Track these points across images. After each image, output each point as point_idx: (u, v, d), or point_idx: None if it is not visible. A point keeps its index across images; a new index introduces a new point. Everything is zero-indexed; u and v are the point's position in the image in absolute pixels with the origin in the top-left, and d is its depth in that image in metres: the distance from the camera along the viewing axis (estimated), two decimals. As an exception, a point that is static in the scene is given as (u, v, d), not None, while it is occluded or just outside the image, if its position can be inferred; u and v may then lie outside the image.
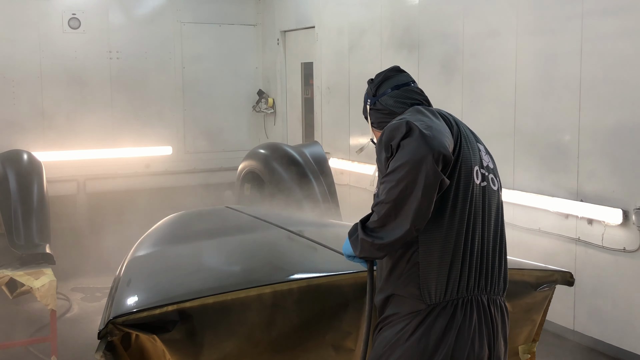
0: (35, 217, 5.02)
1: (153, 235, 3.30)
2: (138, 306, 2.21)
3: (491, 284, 2.16)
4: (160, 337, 2.12)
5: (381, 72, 2.41)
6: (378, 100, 2.34)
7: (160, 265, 2.85)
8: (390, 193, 1.94)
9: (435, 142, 1.94)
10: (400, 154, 1.95)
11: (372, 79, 2.42)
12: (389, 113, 2.29)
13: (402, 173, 1.92)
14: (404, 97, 2.30)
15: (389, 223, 1.97)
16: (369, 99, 2.39)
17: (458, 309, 2.07)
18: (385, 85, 2.36)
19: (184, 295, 2.23)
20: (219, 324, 2.21)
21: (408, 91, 2.32)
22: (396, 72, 2.40)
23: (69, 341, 4.73)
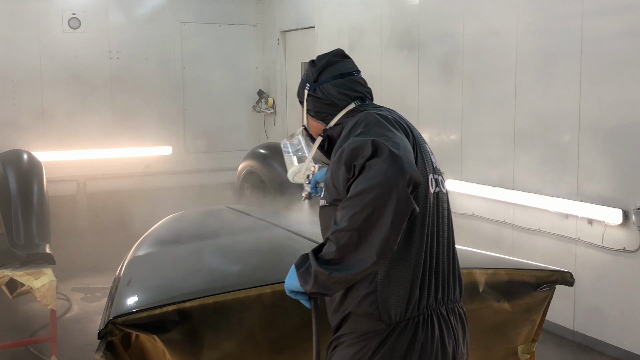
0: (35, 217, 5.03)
1: (153, 235, 3.30)
2: (138, 306, 2.21)
3: (448, 294, 2.05)
4: (160, 337, 2.12)
5: (324, 54, 2.21)
6: (319, 88, 2.14)
7: (160, 265, 2.85)
8: (353, 220, 1.72)
9: (406, 164, 1.75)
10: (366, 176, 1.73)
11: (313, 60, 2.20)
12: (330, 104, 2.13)
13: (368, 198, 1.71)
14: (348, 89, 2.13)
15: (349, 254, 1.74)
16: (309, 83, 2.17)
17: (419, 327, 1.95)
18: (329, 71, 2.16)
19: (184, 295, 2.23)
20: (219, 324, 2.21)
21: (352, 82, 2.15)
22: (341, 58, 2.19)
23: (69, 341, 4.72)
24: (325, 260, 1.78)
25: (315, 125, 2.21)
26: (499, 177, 5.16)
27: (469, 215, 5.51)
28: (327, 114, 2.15)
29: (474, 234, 5.44)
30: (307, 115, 2.22)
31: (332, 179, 1.92)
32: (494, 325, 2.69)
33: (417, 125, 6.01)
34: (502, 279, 2.66)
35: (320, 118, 2.17)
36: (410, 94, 6.06)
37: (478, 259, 2.94)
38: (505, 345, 2.75)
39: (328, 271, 1.76)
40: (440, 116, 5.76)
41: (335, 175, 1.89)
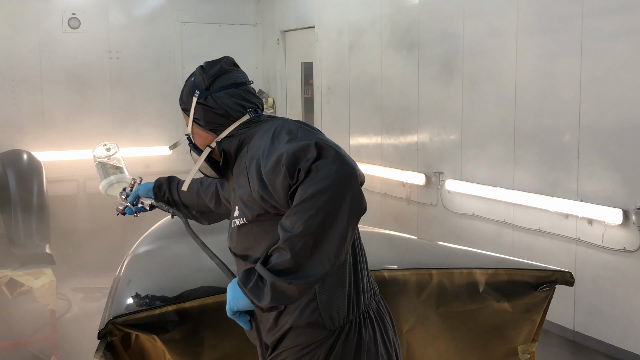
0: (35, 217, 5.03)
1: (153, 235, 3.29)
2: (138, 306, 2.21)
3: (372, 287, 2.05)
4: (160, 337, 2.12)
5: (214, 61, 2.09)
6: (211, 96, 2.02)
7: (160, 265, 2.85)
8: (309, 224, 1.63)
9: (353, 162, 1.71)
10: (315, 178, 1.66)
11: (202, 66, 2.08)
12: (224, 114, 2.01)
13: (322, 200, 1.64)
14: (243, 99, 2.04)
15: (304, 261, 1.64)
16: (199, 91, 2.03)
17: (362, 327, 1.92)
18: (222, 80, 2.04)
19: (184, 295, 2.23)
20: (219, 324, 2.21)
21: (246, 92, 2.06)
22: (232, 66, 2.09)
23: (69, 341, 4.73)
24: (279, 270, 1.65)
25: (203, 135, 2.07)
26: (499, 177, 5.16)
27: (469, 215, 5.51)
28: (218, 125, 2.03)
29: (474, 234, 5.44)
30: (193, 125, 2.08)
31: (260, 191, 1.80)
32: (494, 325, 2.69)
33: (417, 125, 6.01)
34: (502, 279, 2.66)
35: (210, 128, 2.04)
36: (410, 94, 6.06)
37: (478, 259, 2.94)
38: (505, 345, 2.75)
39: (287, 281, 1.63)
40: (440, 116, 5.76)
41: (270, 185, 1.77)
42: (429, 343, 2.58)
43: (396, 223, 6.21)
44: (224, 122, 2.03)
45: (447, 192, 5.71)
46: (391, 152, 6.34)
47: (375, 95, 6.52)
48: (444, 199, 5.76)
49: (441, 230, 5.74)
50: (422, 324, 2.55)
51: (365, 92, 6.68)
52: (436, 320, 2.57)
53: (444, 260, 2.83)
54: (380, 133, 6.44)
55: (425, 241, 3.88)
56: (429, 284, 2.54)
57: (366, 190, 6.61)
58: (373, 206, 6.56)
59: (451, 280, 2.59)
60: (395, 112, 6.30)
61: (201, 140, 2.08)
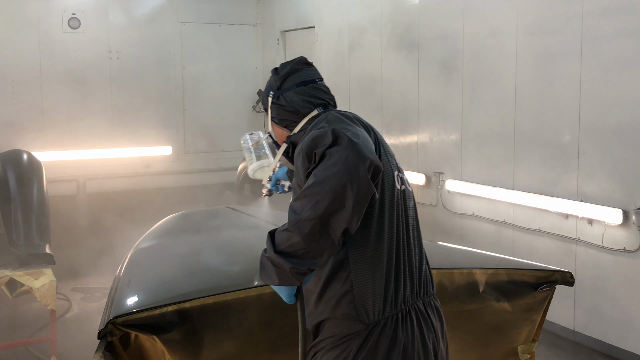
0: (35, 217, 5.02)
1: (153, 235, 3.29)
2: (138, 306, 2.21)
3: (424, 288, 2.06)
4: (159, 337, 2.12)
5: (287, 62, 2.22)
6: (282, 95, 2.16)
7: (160, 265, 2.85)
8: (317, 208, 1.73)
9: (365, 151, 1.79)
10: (326, 163, 1.77)
11: (276, 68, 2.22)
12: (294, 111, 2.14)
13: (330, 185, 1.73)
14: (311, 96, 2.14)
15: (313, 242, 1.75)
16: (272, 91, 2.19)
17: (399, 325, 1.94)
18: (292, 79, 2.17)
19: (184, 295, 2.23)
20: (219, 324, 2.21)
21: (315, 89, 2.16)
22: (303, 66, 2.21)
23: (69, 341, 4.72)
24: (288, 252, 1.79)
25: (279, 132, 2.23)
26: (499, 177, 5.16)
27: (469, 215, 5.51)
28: (290, 121, 2.16)
29: (474, 234, 5.44)
30: (271, 123, 2.24)
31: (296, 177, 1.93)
32: (494, 325, 2.69)
33: (417, 125, 6.01)
34: (502, 279, 2.66)
35: (285, 125, 2.18)
36: (410, 94, 6.06)
37: (478, 259, 2.94)
38: (506, 345, 2.75)
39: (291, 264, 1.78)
40: (440, 116, 5.76)
41: (295, 168, 1.91)
42: (429, 343, 2.58)
43: (396, 223, 6.20)
44: (294, 119, 2.14)
45: (447, 192, 5.71)
46: (391, 152, 6.33)
47: (375, 95, 6.51)
48: (444, 199, 5.76)
49: (441, 230, 5.73)
50: (422, 324, 2.54)
51: (365, 92, 6.68)
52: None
53: (444, 260, 2.83)
54: (380, 133, 6.43)
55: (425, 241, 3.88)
56: (429, 284, 2.54)
57: (366, 190, 6.61)
58: (373, 206, 6.55)
59: (451, 280, 2.59)
60: (395, 112, 6.30)
61: (279, 137, 2.24)
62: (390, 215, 1.97)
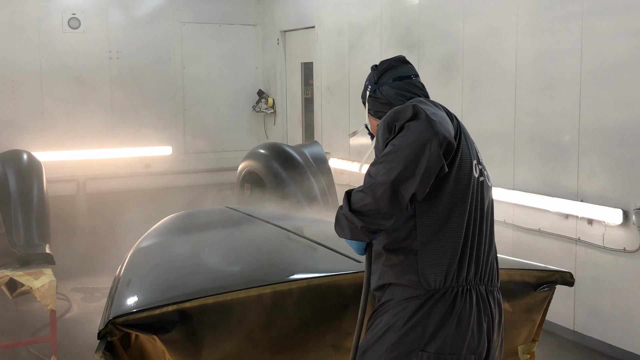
0: (35, 217, 5.02)
1: (153, 235, 3.29)
2: (138, 306, 2.21)
3: (488, 276, 2.16)
4: (160, 337, 2.12)
5: (386, 59, 2.39)
6: (379, 89, 2.33)
7: (160, 265, 2.85)
8: (390, 174, 1.91)
9: (441, 127, 1.93)
10: (404, 135, 1.93)
11: (376, 65, 2.40)
12: (387, 103, 2.29)
13: (404, 154, 1.90)
14: (404, 90, 2.29)
15: (384, 205, 1.93)
16: (370, 85, 2.37)
17: (458, 296, 2.05)
18: (388, 74, 2.34)
19: (184, 295, 2.23)
20: (219, 324, 2.21)
21: (409, 84, 2.31)
22: (401, 63, 2.37)
23: (69, 341, 4.73)
24: (361, 212, 1.97)
25: (375, 123, 2.38)
26: (499, 177, 5.16)
27: (469, 215, 5.51)
28: (384, 113, 2.24)
29: (474, 234, 5.43)
30: (368, 115, 2.41)
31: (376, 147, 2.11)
32: (494, 325, 2.68)
33: (417, 125, 6.00)
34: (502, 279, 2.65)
35: (379, 117, 2.30)
36: (410, 94, 6.05)
37: (478, 259, 2.93)
38: (506, 345, 2.74)
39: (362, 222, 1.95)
40: (440, 116, 5.75)
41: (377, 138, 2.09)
42: (429, 343, 2.58)
43: (396, 223, 6.20)
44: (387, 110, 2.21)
45: (447, 192, 5.70)
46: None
47: (375, 95, 6.50)
48: (444, 199, 5.75)
49: (441, 230, 5.72)
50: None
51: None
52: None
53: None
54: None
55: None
56: (429, 284, 2.54)
57: (366, 190, 6.61)
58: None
59: (451, 280, 2.59)
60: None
61: (374, 128, 2.39)
62: (462, 199, 2.09)
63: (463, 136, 2.15)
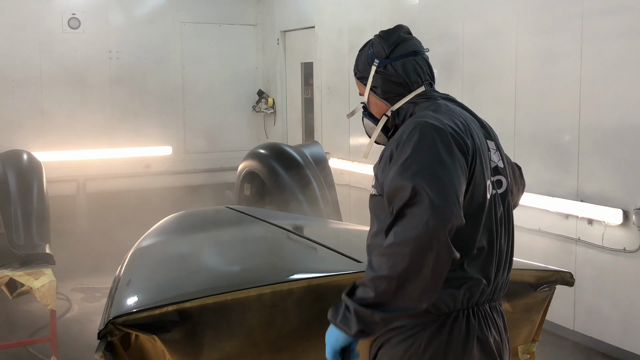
0: (35, 217, 5.02)
1: (153, 235, 3.29)
2: (138, 306, 2.21)
3: (496, 293, 2.02)
4: (160, 337, 2.11)
5: (391, 30, 2.09)
6: (391, 64, 2.02)
7: (160, 265, 2.85)
8: (393, 269, 1.69)
9: (447, 212, 1.69)
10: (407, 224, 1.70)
11: (380, 35, 2.09)
12: (402, 83, 2.02)
13: (409, 249, 1.68)
14: (420, 69, 2.04)
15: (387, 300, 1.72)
16: (378, 59, 2.04)
17: (470, 319, 1.91)
18: (402, 48, 2.04)
19: (184, 295, 2.22)
20: (219, 324, 2.21)
21: (424, 62, 2.06)
22: (408, 35, 2.09)
23: (69, 341, 4.73)
24: (363, 304, 1.74)
25: (379, 104, 2.09)
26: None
27: (469, 215, 5.51)
28: (395, 94, 2.03)
29: (474, 234, 5.44)
30: (369, 93, 2.09)
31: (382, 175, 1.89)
32: (494, 325, 2.68)
33: (417, 125, 5.99)
34: (502, 279, 2.66)
35: (386, 97, 2.05)
36: (410, 94, 6.05)
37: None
38: (505, 345, 2.74)
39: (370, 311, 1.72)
40: (440, 116, 5.75)
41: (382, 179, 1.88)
42: (429, 343, 2.58)
43: (396, 223, 6.20)
44: (401, 92, 2.03)
45: (447, 192, 5.70)
46: (391, 152, 6.33)
47: (375, 95, 6.50)
48: (444, 199, 5.75)
49: (441, 230, 5.73)
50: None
51: (365, 92, 6.67)
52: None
53: (444, 260, 2.82)
54: (380, 133, 6.43)
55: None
56: (429, 284, 2.54)
57: (366, 191, 6.60)
58: (373, 206, 6.55)
59: (451, 281, 2.59)
60: (395, 112, 6.29)
61: (377, 109, 2.10)
62: (475, 225, 1.90)
63: (479, 159, 1.90)
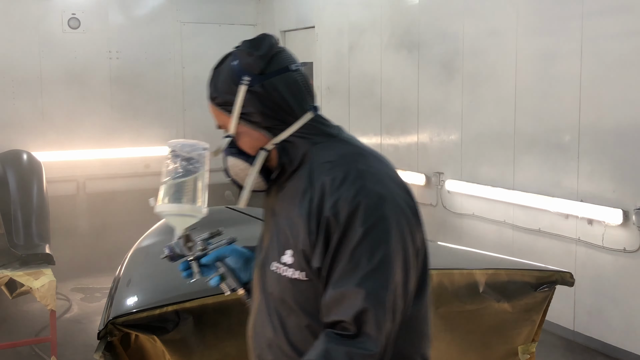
0: (35, 218, 5.02)
1: (153, 235, 3.29)
2: (138, 306, 2.21)
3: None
4: (160, 337, 2.12)
5: (259, 38, 1.55)
6: (269, 82, 1.49)
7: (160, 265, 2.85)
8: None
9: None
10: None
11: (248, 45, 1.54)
12: (284, 108, 1.50)
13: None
14: (305, 89, 1.54)
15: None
16: (249, 75, 1.50)
17: None
18: (279, 60, 1.51)
19: (183, 296, 2.23)
20: (219, 324, 2.21)
21: (304, 79, 1.54)
22: (280, 47, 1.56)
23: (69, 341, 4.72)
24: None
25: (254, 136, 1.54)
26: (499, 177, 5.16)
27: (469, 216, 5.51)
28: (278, 122, 1.51)
29: (474, 234, 5.44)
30: (240, 123, 1.54)
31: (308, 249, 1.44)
32: (494, 325, 2.69)
33: (417, 125, 6.00)
34: (502, 279, 2.66)
35: (266, 126, 1.52)
36: (410, 94, 6.06)
37: (478, 259, 2.94)
38: (506, 345, 2.75)
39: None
40: (440, 116, 5.76)
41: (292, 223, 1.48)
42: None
43: (396, 223, 6.20)
44: (284, 119, 1.50)
45: (447, 192, 5.71)
46: (391, 153, 6.34)
47: (375, 96, 6.51)
48: (444, 199, 5.76)
49: (441, 230, 5.73)
50: (423, 324, 2.54)
51: (365, 93, 6.67)
52: (437, 320, 2.56)
53: (444, 260, 2.83)
54: (380, 133, 6.44)
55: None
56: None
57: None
58: (373, 206, 6.54)
59: (451, 281, 2.59)
60: (395, 112, 6.30)
61: (250, 143, 1.55)
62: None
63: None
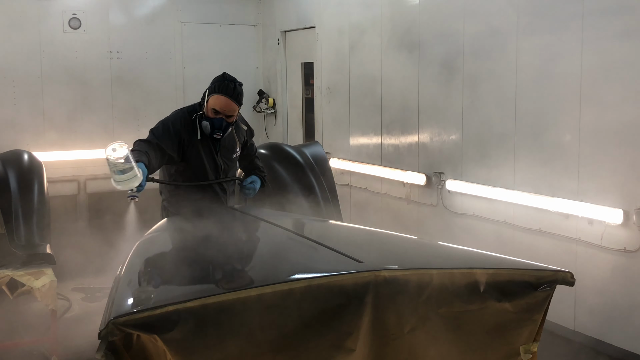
0: (35, 217, 5.02)
1: (153, 235, 3.30)
2: (139, 306, 2.21)
3: None
4: (161, 337, 2.12)
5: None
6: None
7: (160, 265, 2.86)
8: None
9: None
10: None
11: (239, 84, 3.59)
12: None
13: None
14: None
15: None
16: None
17: None
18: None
19: (184, 295, 2.23)
20: (220, 324, 2.21)
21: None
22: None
23: (69, 341, 4.72)
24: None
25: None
26: (499, 177, 5.16)
27: (469, 215, 5.51)
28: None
29: (474, 234, 5.44)
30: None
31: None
32: (495, 325, 2.69)
33: (417, 125, 6.01)
34: (502, 279, 2.66)
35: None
36: (410, 94, 6.06)
37: (478, 259, 2.94)
38: (507, 345, 2.75)
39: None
40: (441, 116, 5.76)
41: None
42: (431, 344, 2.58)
43: (396, 223, 6.22)
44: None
45: (447, 192, 5.71)
46: (391, 152, 6.34)
47: (375, 96, 6.52)
48: (444, 199, 5.76)
49: (441, 230, 5.74)
50: (424, 325, 2.54)
51: (365, 92, 6.68)
52: (437, 320, 2.56)
53: (444, 260, 2.83)
54: (381, 133, 6.44)
55: (425, 241, 3.88)
56: (430, 284, 2.54)
57: (366, 191, 6.61)
58: (373, 206, 6.56)
59: (452, 281, 2.59)
60: (395, 112, 6.30)
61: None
62: None
63: None
